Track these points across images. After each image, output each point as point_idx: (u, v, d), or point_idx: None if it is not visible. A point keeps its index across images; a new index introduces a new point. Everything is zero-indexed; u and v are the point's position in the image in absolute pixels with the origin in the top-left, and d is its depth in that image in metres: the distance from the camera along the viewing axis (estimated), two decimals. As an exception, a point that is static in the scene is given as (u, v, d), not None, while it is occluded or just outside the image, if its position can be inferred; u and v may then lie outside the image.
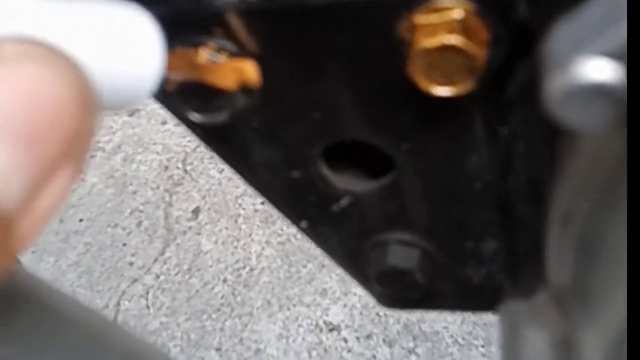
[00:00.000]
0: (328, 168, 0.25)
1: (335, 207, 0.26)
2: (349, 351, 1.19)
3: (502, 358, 0.24)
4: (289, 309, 1.26)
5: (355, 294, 1.25)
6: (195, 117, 0.23)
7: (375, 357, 1.17)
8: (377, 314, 1.22)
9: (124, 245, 1.43)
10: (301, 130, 0.23)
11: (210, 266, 1.36)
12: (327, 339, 1.21)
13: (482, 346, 1.16)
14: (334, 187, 0.25)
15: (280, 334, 1.23)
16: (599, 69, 0.13)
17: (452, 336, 1.18)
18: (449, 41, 0.18)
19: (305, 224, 0.27)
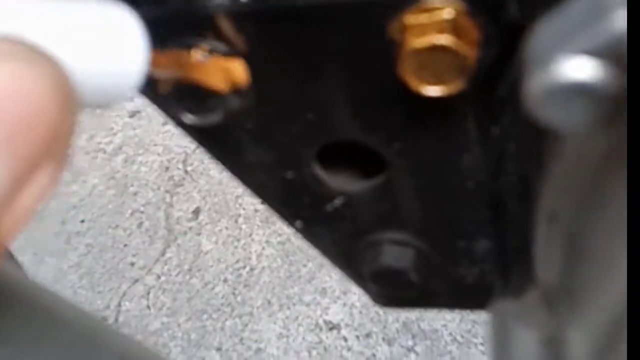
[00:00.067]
0: (322, 168, 0.25)
1: (329, 207, 0.26)
2: (348, 350, 1.19)
3: (492, 357, 0.24)
4: (289, 308, 1.26)
5: (354, 293, 1.25)
6: (189, 119, 0.23)
7: (375, 355, 1.17)
8: (377, 313, 1.22)
9: (125, 246, 1.43)
10: (295, 131, 0.23)
11: (211, 266, 1.36)
12: (327, 337, 1.21)
13: (481, 344, 1.15)
14: (328, 187, 0.25)
15: (281, 333, 1.23)
16: (579, 67, 0.13)
17: (451, 334, 1.17)
18: (439, 41, 0.18)
19: (299, 224, 0.27)
